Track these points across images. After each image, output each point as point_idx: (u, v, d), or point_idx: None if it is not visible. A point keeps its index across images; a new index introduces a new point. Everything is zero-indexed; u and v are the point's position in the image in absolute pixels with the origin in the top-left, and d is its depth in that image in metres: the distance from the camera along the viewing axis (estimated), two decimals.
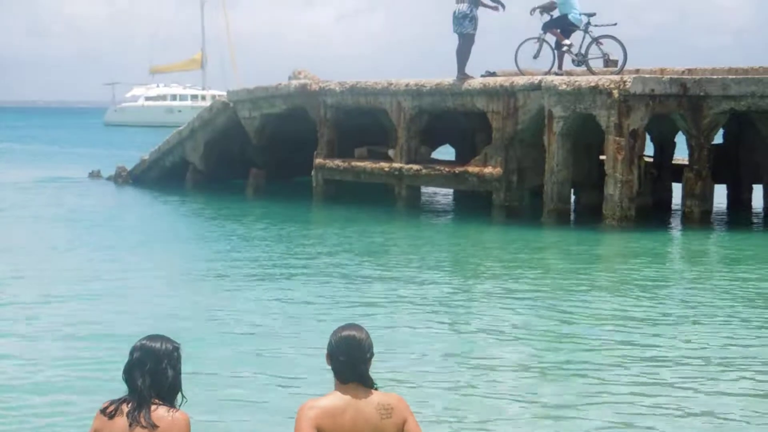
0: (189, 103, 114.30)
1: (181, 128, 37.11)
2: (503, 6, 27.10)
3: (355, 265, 19.25)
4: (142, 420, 5.04)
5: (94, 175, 41.08)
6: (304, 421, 5.10)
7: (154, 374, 5.13)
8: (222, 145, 35.90)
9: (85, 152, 61.76)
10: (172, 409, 5.12)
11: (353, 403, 5.17)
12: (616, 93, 24.23)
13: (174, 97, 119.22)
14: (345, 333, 5.30)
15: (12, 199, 32.47)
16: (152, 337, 5.26)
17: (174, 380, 5.17)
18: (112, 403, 5.16)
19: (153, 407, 5.08)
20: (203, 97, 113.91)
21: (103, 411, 5.14)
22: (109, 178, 39.22)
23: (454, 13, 27.16)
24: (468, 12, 26.92)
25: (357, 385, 5.22)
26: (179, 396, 5.20)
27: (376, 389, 5.28)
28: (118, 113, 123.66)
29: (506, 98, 26.85)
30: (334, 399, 5.20)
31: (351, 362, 5.22)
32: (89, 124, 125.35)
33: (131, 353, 5.21)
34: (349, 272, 18.48)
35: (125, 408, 5.11)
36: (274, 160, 35.01)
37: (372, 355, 5.27)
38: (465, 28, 27.11)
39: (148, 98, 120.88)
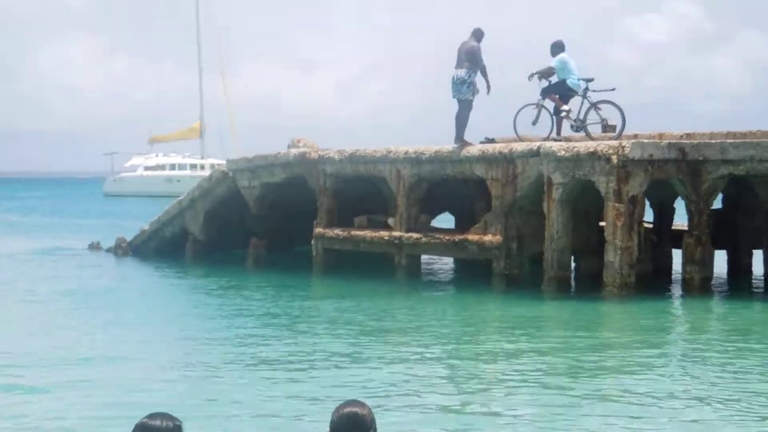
0: (188, 172, 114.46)
1: (180, 198, 37.15)
2: (489, 88, 27.29)
3: (354, 341, 19.10)
4: None
5: (94, 246, 41.02)
6: None
7: None
8: (222, 214, 35.92)
9: (84, 223, 61.76)
10: None
11: None
12: (614, 159, 24.26)
13: (173, 167, 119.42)
14: (347, 410, 5.24)
15: (10, 272, 32.39)
16: (153, 416, 5.19)
17: None
18: None
19: None
20: (202, 166, 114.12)
21: None
22: (108, 250, 39.14)
23: (453, 78, 27.31)
24: (466, 78, 27.04)
25: None
26: None
27: None
28: (117, 183, 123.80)
29: (505, 165, 26.88)
30: None
31: None
32: (89, 194, 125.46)
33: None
34: (348, 349, 18.33)
35: None
36: (275, 229, 35.02)
37: (375, 430, 5.21)
38: (463, 94, 27.23)
39: (147, 168, 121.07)
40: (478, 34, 27.63)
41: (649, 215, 29.75)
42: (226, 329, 20.93)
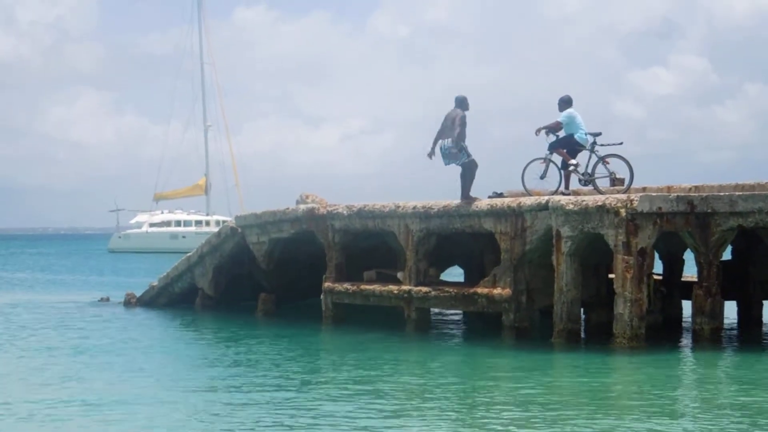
0: (193, 228, 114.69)
1: (189, 254, 37.27)
2: (431, 154, 27.51)
3: (363, 398, 19.03)
4: None
5: (104, 300, 41.28)
6: None
7: None
8: (231, 269, 36.04)
9: (91, 279, 61.84)
10: None
11: None
12: (623, 212, 24.34)
13: (178, 223, 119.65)
14: None
15: (20, 325, 32.53)
16: None
17: None
18: None
19: None
20: (207, 223, 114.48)
21: None
22: (118, 304, 39.30)
23: (441, 148, 27.40)
24: (453, 146, 27.15)
25: None
26: None
27: None
28: (122, 240, 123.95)
29: (514, 219, 26.97)
30: None
31: None
32: (94, 251, 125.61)
33: None
34: (355, 401, 18.32)
35: None
36: (284, 283, 35.11)
37: None
38: (461, 159, 27.33)
39: (152, 224, 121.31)
40: (462, 103, 27.69)
41: (658, 267, 29.81)
42: (235, 378, 20.94)
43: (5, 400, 18.57)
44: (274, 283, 35.34)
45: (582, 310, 26.92)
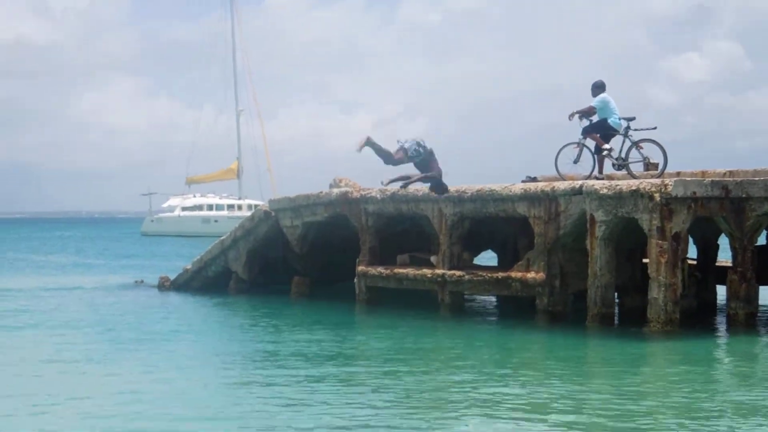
0: (225, 213, 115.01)
1: (223, 238, 37.45)
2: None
3: (400, 376, 19.18)
4: None
5: (139, 283, 41.68)
6: None
7: None
8: (264, 253, 36.19)
9: (125, 263, 62.17)
10: None
11: None
12: (657, 196, 24.33)
13: (210, 207, 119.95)
14: None
15: (55, 308, 32.83)
16: None
17: None
18: None
19: None
20: (239, 207, 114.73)
21: None
22: (152, 287, 39.61)
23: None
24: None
25: None
26: None
27: None
28: (155, 223, 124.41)
29: (548, 203, 27.01)
30: None
31: None
32: (127, 234, 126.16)
33: None
34: (389, 383, 18.43)
35: None
36: (317, 267, 35.26)
37: None
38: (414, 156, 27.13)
39: (184, 208, 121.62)
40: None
41: (693, 252, 29.78)
42: (267, 361, 21.08)
43: (42, 382, 18.77)
44: (308, 267, 35.49)
45: (616, 294, 26.96)
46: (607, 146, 27.39)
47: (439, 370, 20.03)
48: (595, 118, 27.52)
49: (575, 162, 27.60)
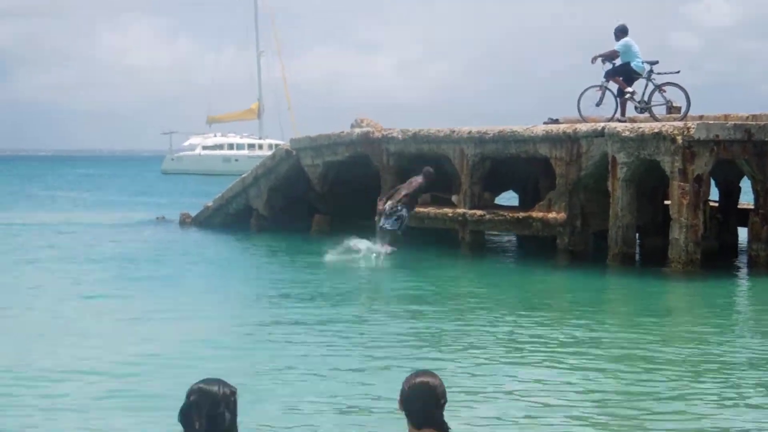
0: (245, 152, 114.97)
1: (244, 176, 37.57)
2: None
3: (418, 315, 19.29)
4: None
5: (160, 219, 41.86)
6: None
7: (211, 418, 5.03)
8: (285, 191, 36.29)
9: (146, 200, 62.38)
10: None
11: None
12: (680, 139, 24.33)
13: (231, 146, 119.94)
14: (419, 380, 5.23)
15: (78, 242, 33.09)
16: (209, 381, 5.17)
17: (231, 425, 5.07)
18: None
19: None
20: (260, 146, 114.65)
21: None
22: (174, 224, 39.86)
23: (386, 209, 27.64)
24: (398, 210, 27.40)
25: (432, 430, 5.14)
26: None
27: None
28: (175, 162, 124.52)
29: (569, 145, 27.02)
30: None
31: (426, 409, 5.14)
32: (148, 172, 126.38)
33: (188, 396, 5.13)
34: (412, 323, 18.54)
35: None
36: (337, 206, 35.32)
37: (446, 401, 5.20)
38: (391, 225, 27.59)
39: (205, 147, 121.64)
40: (428, 175, 27.79)
41: (714, 195, 29.78)
42: (288, 295, 21.23)
43: (60, 317, 18.85)
44: (328, 206, 35.58)
45: (637, 235, 27.02)
46: (629, 89, 27.35)
47: (459, 309, 20.16)
48: (618, 62, 27.47)
49: (598, 105, 27.57)
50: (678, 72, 27.34)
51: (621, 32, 27.51)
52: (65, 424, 11.42)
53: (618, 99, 27.62)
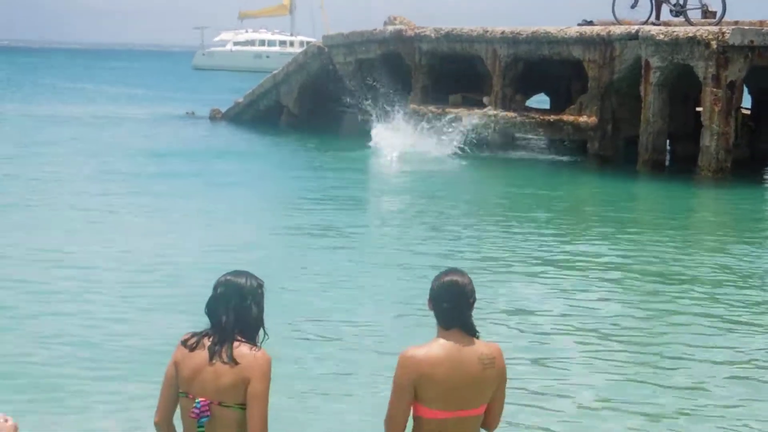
0: (277, 48, 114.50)
1: (275, 72, 37.46)
2: None
3: (442, 218, 19.25)
4: (223, 355, 4.96)
5: (190, 114, 41.89)
6: (402, 371, 5.00)
7: (238, 310, 5.03)
8: (316, 89, 36.18)
9: (176, 96, 62.33)
10: (254, 348, 5.00)
11: (455, 352, 5.06)
12: (714, 44, 24.09)
13: (262, 43, 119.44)
14: (448, 278, 5.18)
15: (110, 133, 33.27)
16: (237, 273, 5.16)
17: (257, 317, 5.06)
18: (193, 335, 5.07)
19: (235, 344, 4.98)
20: (291, 43, 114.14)
21: (184, 342, 5.07)
22: (204, 119, 39.92)
23: None
24: None
25: (460, 331, 5.10)
26: (261, 333, 5.10)
27: (477, 338, 5.16)
28: (206, 57, 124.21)
29: (603, 47, 26.80)
30: (435, 347, 5.08)
31: (454, 308, 5.10)
32: (178, 68, 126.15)
33: (215, 288, 5.11)
34: (435, 225, 18.58)
35: (206, 342, 5.02)
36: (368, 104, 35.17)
37: (474, 300, 5.15)
38: None
39: (236, 43, 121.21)
40: None
41: (747, 102, 29.54)
42: (316, 190, 21.30)
43: (88, 215, 18.84)
44: (359, 104, 35.42)
45: (668, 141, 26.89)
46: None
47: (484, 212, 20.17)
48: None
49: (633, 7, 27.31)
50: None
51: None
52: (99, 314, 11.52)
53: (653, 2, 27.33)
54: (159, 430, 5.16)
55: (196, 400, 4.99)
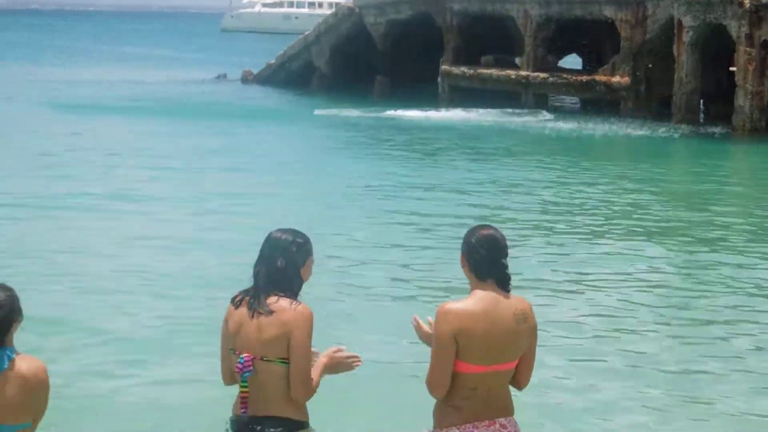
0: (306, 10, 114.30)
1: (306, 33, 37.52)
2: None
3: (476, 172, 19.34)
4: (260, 308, 5.05)
5: (222, 77, 41.96)
6: (443, 325, 5.03)
7: (269, 263, 5.14)
8: (347, 50, 36.20)
9: (206, 58, 62.35)
10: (294, 302, 5.08)
11: (492, 306, 5.10)
12: (747, 3, 24.02)
13: (291, 4, 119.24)
14: (484, 231, 5.23)
15: (140, 95, 33.43)
16: (280, 229, 5.26)
17: (283, 270, 5.14)
18: (240, 293, 5.16)
19: (274, 298, 5.08)
20: (320, 4, 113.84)
21: (232, 300, 5.18)
22: (236, 81, 40.01)
23: None
24: None
25: (494, 285, 5.13)
26: (299, 290, 5.16)
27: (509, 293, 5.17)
28: (234, 19, 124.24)
29: (635, 7, 26.77)
30: (473, 301, 5.12)
31: (490, 257, 5.13)
32: (207, 30, 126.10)
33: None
34: (470, 174, 18.63)
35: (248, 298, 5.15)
36: (399, 66, 35.22)
37: (506, 255, 5.17)
38: None
39: (265, 5, 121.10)
40: None
41: None
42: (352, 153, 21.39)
43: (121, 175, 18.85)
44: (390, 66, 35.47)
45: (701, 101, 26.86)
46: None
47: (518, 165, 20.23)
48: None
49: None
50: None
51: None
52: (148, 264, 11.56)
53: None
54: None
55: (240, 356, 5.09)
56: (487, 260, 5.19)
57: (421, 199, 16.54)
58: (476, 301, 5.15)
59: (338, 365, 5.27)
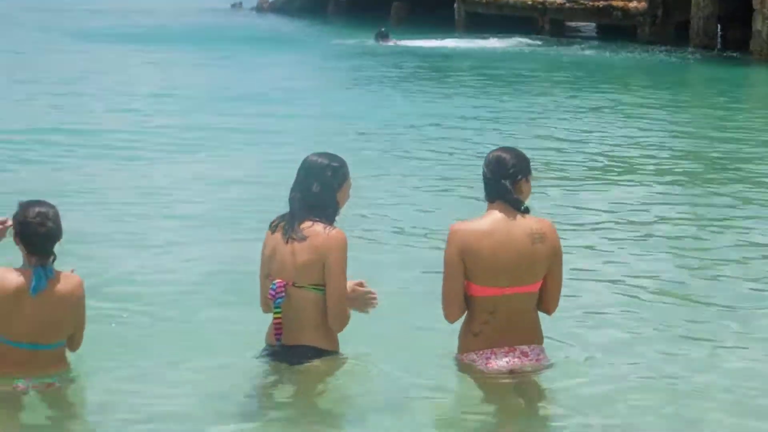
0: None
1: None
2: None
3: (489, 100, 19.23)
4: (294, 233, 5.13)
5: (237, 6, 41.67)
6: (449, 245, 5.13)
7: (304, 187, 5.20)
8: None
9: None
10: (329, 227, 5.13)
11: (502, 225, 5.15)
12: None
13: None
14: (495, 153, 5.31)
15: (156, 24, 33.41)
16: (317, 153, 5.34)
17: (318, 195, 5.18)
18: (277, 218, 5.27)
19: (309, 223, 5.13)
20: None
21: (270, 224, 5.29)
22: (251, 10, 39.78)
23: None
24: None
25: (504, 205, 5.18)
26: (335, 214, 5.24)
27: (527, 213, 5.22)
28: None
29: None
30: (481, 221, 5.20)
31: (493, 179, 5.20)
32: None
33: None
34: (486, 104, 18.61)
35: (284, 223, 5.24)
36: None
37: (522, 176, 5.21)
38: None
39: None
40: None
41: None
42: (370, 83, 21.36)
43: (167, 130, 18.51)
44: None
45: (718, 26, 26.74)
46: None
47: (533, 93, 20.21)
48: None
49: None
50: None
51: None
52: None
53: None
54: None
55: (273, 282, 5.20)
56: (491, 182, 5.26)
57: (438, 125, 16.45)
58: (485, 221, 5.24)
59: (356, 300, 5.35)
